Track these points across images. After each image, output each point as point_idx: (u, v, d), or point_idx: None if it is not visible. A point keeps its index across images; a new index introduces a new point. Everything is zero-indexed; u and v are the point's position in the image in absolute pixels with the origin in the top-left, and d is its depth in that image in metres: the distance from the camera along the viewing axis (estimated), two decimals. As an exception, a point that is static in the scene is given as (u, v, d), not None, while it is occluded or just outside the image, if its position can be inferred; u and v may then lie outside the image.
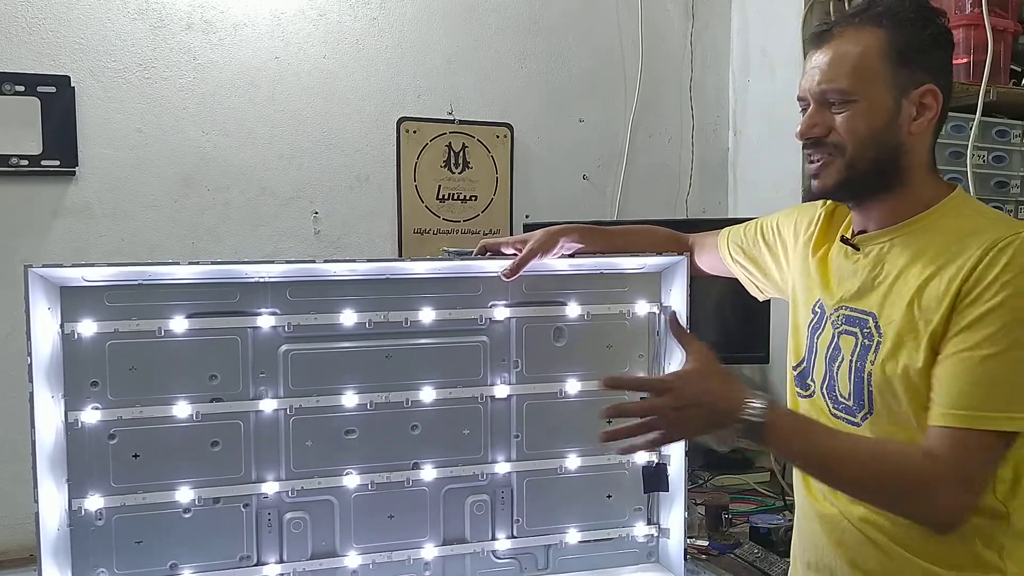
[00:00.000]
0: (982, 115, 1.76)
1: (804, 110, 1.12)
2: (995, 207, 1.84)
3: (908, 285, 1.04)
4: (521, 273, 1.38)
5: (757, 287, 1.40)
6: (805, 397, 1.19)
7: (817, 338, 1.17)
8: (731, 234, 1.42)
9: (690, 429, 1.11)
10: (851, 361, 1.09)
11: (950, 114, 1.76)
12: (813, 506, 1.17)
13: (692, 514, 1.69)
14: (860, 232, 1.14)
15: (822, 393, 1.15)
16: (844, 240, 1.15)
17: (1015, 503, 1.03)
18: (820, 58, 1.08)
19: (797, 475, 1.23)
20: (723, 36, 2.41)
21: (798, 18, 2.08)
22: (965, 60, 1.79)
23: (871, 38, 1.05)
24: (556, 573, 1.50)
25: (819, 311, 1.18)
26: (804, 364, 1.19)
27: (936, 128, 1.10)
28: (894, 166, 1.07)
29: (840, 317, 1.12)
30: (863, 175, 1.07)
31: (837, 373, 1.12)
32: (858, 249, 1.13)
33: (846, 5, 2.01)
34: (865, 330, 1.08)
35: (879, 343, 1.06)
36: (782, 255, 1.31)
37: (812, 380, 1.17)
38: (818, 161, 1.10)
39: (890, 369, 1.04)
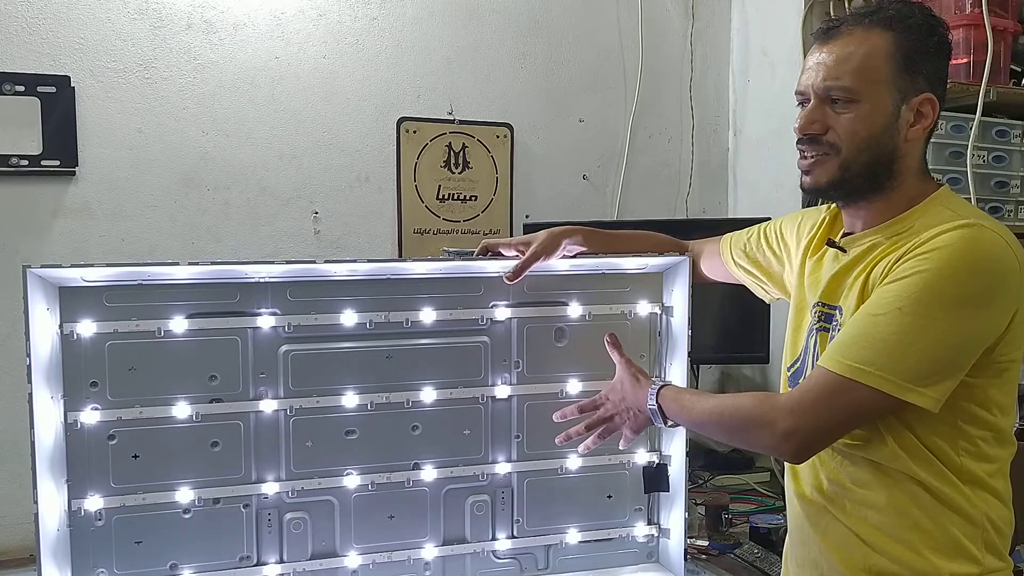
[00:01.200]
0: (982, 115, 1.76)
1: (801, 104, 1.12)
2: (995, 207, 1.84)
3: (866, 276, 1.07)
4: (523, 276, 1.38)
5: (764, 290, 1.40)
6: None
7: (812, 340, 1.18)
8: (733, 240, 1.43)
9: (630, 427, 1.33)
10: (819, 354, 1.12)
11: (951, 114, 1.78)
12: (800, 500, 1.18)
13: (692, 514, 1.69)
14: (848, 233, 1.16)
15: None
16: (830, 243, 1.17)
17: (982, 496, 1.05)
18: (825, 55, 1.08)
19: (786, 472, 1.23)
20: (723, 36, 2.40)
21: (798, 18, 2.08)
22: (965, 60, 1.79)
23: (879, 40, 1.05)
24: (556, 573, 1.50)
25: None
26: (799, 364, 1.20)
27: (929, 135, 1.11)
28: (887, 170, 1.08)
29: (817, 314, 1.15)
30: (856, 177, 1.08)
31: None
32: (845, 251, 1.14)
33: (846, 5, 2.01)
34: (834, 323, 1.11)
35: None
36: (786, 259, 1.32)
37: (804, 380, 1.18)
38: (811, 157, 1.10)
39: None
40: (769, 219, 1.42)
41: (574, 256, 1.41)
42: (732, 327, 2.05)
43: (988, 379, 1.03)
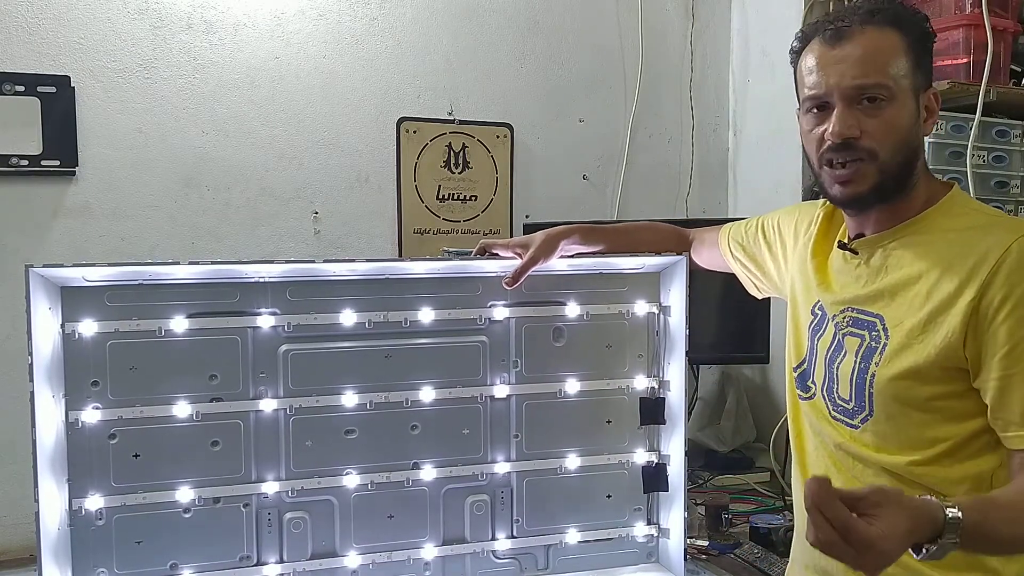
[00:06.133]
0: (982, 115, 1.76)
1: (817, 108, 1.07)
2: (995, 207, 1.84)
3: (916, 287, 1.04)
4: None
5: (756, 285, 1.40)
6: (806, 399, 1.19)
7: (818, 340, 1.17)
8: (732, 231, 1.42)
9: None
10: (855, 362, 1.09)
11: (951, 114, 1.78)
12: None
13: (692, 514, 1.69)
14: (858, 235, 1.13)
15: (822, 395, 1.15)
16: (842, 245, 1.14)
17: None
18: (846, 54, 1.04)
19: (796, 475, 1.22)
20: (723, 36, 2.41)
21: (798, 18, 2.08)
22: (965, 60, 1.79)
23: (895, 38, 1.04)
24: (556, 573, 1.50)
25: (819, 313, 1.17)
26: (805, 365, 1.19)
27: None
28: (911, 168, 1.06)
29: (846, 319, 1.12)
30: (891, 180, 1.05)
31: (838, 374, 1.12)
32: (857, 253, 1.12)
33: (846, 5, 2.01)
34: (873, 332, 1.08)
35: (885, 345, 1.05)
36: (781, 254, 1.31)
37: (813, 382, 1.17)
38: (847, 167, 1.05)
39: (894, 370, 1.04)
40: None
41: (573, 256, 1.42)
42: (732, 327, 2.05)
43: None
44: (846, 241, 1.14)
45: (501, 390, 1.45)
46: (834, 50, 1.05)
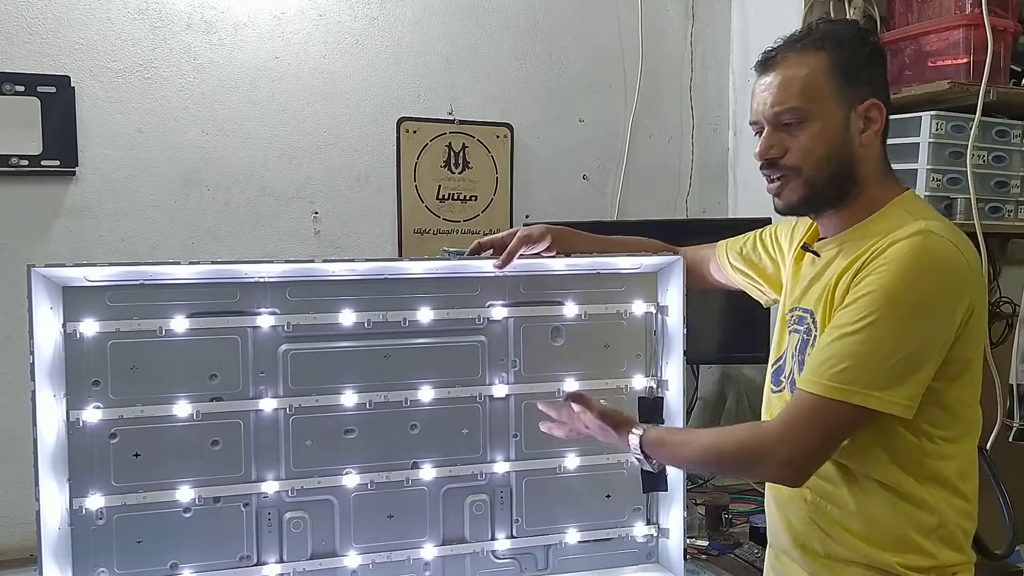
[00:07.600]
0: (982, 115, 1.76)
1: (758, 133, 1.17)
2: (995, 207, 1.84)
3: (833, 283, 1.11)
4: (516, 270, 1.39)
5: (761, 291, 1.42)
6: (776, 392, 1.25)
7: (789, 338, 1.24)
8: (729, 244, 1.46)
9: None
10: (793, 355, 1.17)
11: (951, 114, 1.78)
12: (771, 489, 1.24)
13: (692, 514, 1.69)
14: (822, 238, 1.21)
15: (789, 388, 1.21)
16: (805, 247, 1.22)
17: (942, 494, 1.09)
18: (769, 82, 1.14)
19: None
20: (723, 36, 2.41)
21: (798, 18, 2.07)
22: (965, 60, 1.79)
23: (815, 61, 1.12)
24: (556, 573, 1.50)
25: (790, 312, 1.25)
26: (780, 362, 1.25)
27: (883, 137, 1.15)
28: (850, 177, 1.13)
29: (792, 317, 1.20)
30: (823, 190, 1.13)
31: (798, 368, 1.18)
32: (818, 255, 1.19)
33: (846, 5, 2.01)
34: (805, 326, 1.16)
35: (815, 337, 1.13)
36: (780, 261, 1.36)
37: (785, 377, 1.23)
38: (776, 181, 1.16)
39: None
40: (768, 220, 1.42)
41: (555, 255, 1.41)
42: (732, 327, 2.05)
43: (948, 381, 1.07)
44: (811, 244, 1.22)
45: (500, 390, 1.45)
46: (762, 79, 1.16)
